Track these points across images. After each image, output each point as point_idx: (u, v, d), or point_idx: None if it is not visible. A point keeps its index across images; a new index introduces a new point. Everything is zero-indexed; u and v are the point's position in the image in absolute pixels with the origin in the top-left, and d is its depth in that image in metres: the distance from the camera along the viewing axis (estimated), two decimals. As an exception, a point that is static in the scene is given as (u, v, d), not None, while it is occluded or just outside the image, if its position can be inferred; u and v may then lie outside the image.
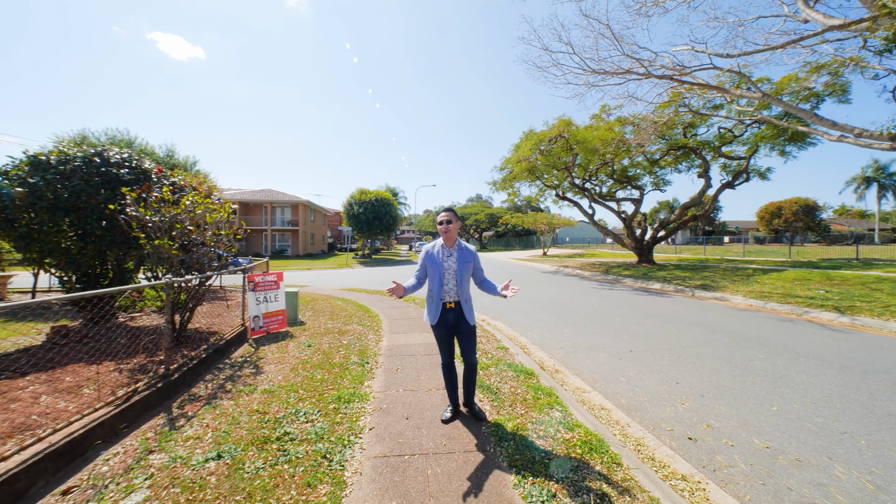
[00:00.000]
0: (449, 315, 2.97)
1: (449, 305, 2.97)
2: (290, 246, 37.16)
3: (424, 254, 3.05)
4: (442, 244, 3.03)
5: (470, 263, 3.01)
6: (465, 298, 3.01)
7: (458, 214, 3.25)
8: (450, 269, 2.96)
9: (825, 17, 8.57)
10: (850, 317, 7.34)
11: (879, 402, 3.66)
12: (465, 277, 2.99)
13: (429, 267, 3.02)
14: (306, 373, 4.24)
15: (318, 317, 7.42)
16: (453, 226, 2.97)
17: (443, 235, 3.01)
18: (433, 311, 3.00)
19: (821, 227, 43.24)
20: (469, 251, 3.04)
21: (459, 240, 3.08)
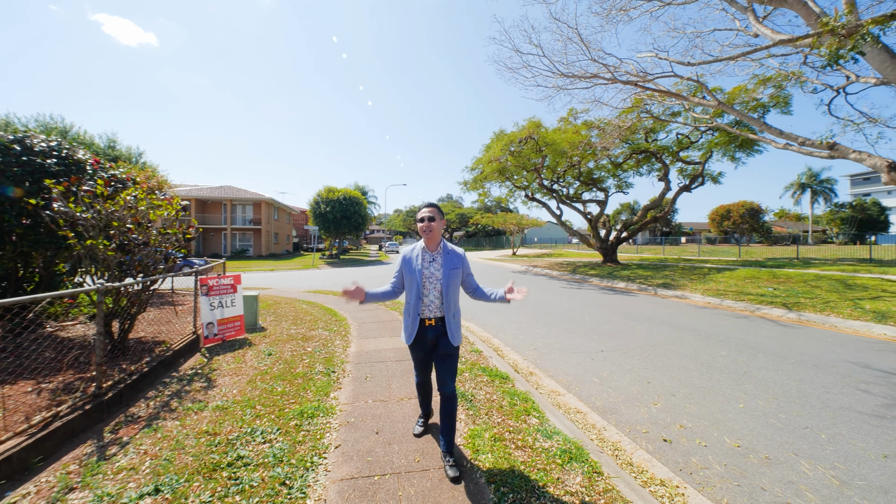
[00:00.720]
0: (428, 333, 2.49)
1: (428, 322, 2.48)
2: (252, 246, 35.39)
3: (402, 259, 2.58)
4: (423, 247, 2.53)
5: (458, 270, 2.51)
6: (452, 313, 2.51)
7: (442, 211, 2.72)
8: (431, 277, 2.46)
9: (773, 32, 9.14)
10: (796, 312, 7.85)
11: (832, 395, 3.84)
12: (451, 288, 2.47)
13: (406, 274, 2.54)
14: (265, 385, 3.88)
15: (281, 322, 6.97)
16: (437, 224, 2.46)
17: (423, 236, 2.49)
18: (409, 327, 2.52)
19: (764, 229, 46.90)
20: (456, 255, 2.55)
21: (445, 241, 2.59)
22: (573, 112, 18.95)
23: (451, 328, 2.49)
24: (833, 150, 9.20)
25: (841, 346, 5.62)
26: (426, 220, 2.47)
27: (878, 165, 8.41)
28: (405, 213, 66.92)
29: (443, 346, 2.51)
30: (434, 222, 2.46)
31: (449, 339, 2.49)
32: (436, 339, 2.51)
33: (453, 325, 2.51)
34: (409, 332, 2.56)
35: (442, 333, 2.49)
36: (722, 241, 47.28)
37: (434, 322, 2.50)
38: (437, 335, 2.51)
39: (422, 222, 2.48)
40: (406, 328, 2.59)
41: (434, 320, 2.50)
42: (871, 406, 3.58)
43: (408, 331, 2.57)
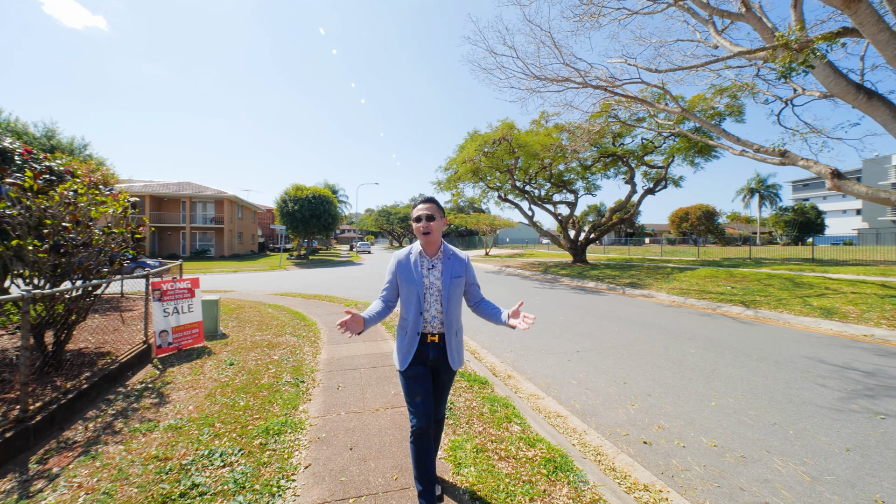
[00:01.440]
0: (429, 352, 2.06)
1: (431, 339, 2.06)
2: (214, 246, 33.53)
3: (395, 265, 2.12)
4: (420, 251, 2.10)
5: (461, 279, 2.10)
6: (455, 329, 2.11)
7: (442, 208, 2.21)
8: (432, 287, 2.05)
9: (731, 44, 9.65)
10: (753, 310, 8.30)
11: (795, 390, 4.02)
12: (454, 299, 2.08)
13: (402, 284, 2.08)
14: (226, 399, 3.55)
15: (244, 328, 6.53)
16: (437, 224, 2.04)
17: (421, 238, 2.06)
18: (406, 346, 2.06)
19: (718, 231, 50.00)
20: (459, 261, 2.14)
21: (446, 244, 2.17)
22: (545, 115, 19.30)
23: (453, 349, 2.09)
24: (784, 158, 9.83)
25: (796, 341, 5.96)
26: (424, 220, 2.02)
27: (823, 172, 9.05)
28: (377, 213, 65.93)
29: (444, 370, 2.11)
30: (434, 222, 2.03)
31: (449, 362, 2.08)
32: (437, 362, 2.09)
33: (455, 345, 2.11)
34: (404, 353, 2.06)
35: (442, 354, 2.09)
36: (681, 241, 49.94)
37: (437, 338, 2.07)
38: (438, 356, 2.08)
39: (418, 222, 2.04)
40: (400, 349, 2.10)
41: (437, 336, 2.07)
42: (829, 400, 3.77)
43: (402, 352, 2.08)
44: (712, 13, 9.62)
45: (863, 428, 3.22)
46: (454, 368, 2.13)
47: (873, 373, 4.50)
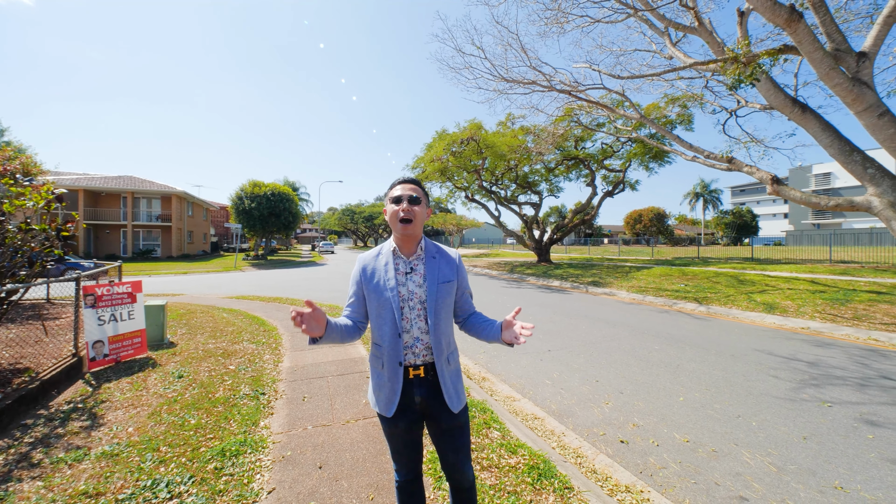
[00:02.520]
0: (415, 392, 1.50)
1: (414, 373, 1.50)
2: (161, 245, 30.97)
3: (359, 270, 1.58)
4: (394, 250, 1.58)
5: (451, 284, 1.57)
6: (447, 354, 1.54)
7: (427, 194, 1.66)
8: (412, 297, 1.51)
9: (685, 56, 10.24)
10: (705, 306, 8.83)
11: (752, 382, 4.25)
12: (443, 312, 1.53)
13: (370, 297, 1.54)
14: (174, 418, 3.16)
15: (196, 335, 5.97)
16: (420, 210, 1.54)
17: (397, 229, 1.52)
18: (387, 385, 1.51)
19: (668, 232, 53.49)
20: (448, 259, 1.61)
21: (427, 239, 1.65)
22: (511, 117, 19.60)
23: (448, 382, 1.52)
24: (731, 164, 10.57)
25: (746, 335, 6.37)
26: (406, 201, 1.50)
27: (764, 178, 9.83)
28: (341, 212, 64.07)
29: (445, 416, 1.52)
30: (418, 206, 1.53)
31: (447, 403, 1.50)
32: (428, 403, 1.52)
33: (450, 377, 1.54)
34: (386, 395, 1.51)
35: (435, 392, 1.51)
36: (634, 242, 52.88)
37: (422, 371, 1.51)
38: (428, 395, 1.51)
39: (398, 203, 1.51)
40: (378, 388, 1.55)
41: (423, 369, 1.51)
42: (783, 391, 4.01)
43: (383, 392, 1.52)
44: (668, 25, 10.14)
45: (814, 416, 3.43)
46: (454, 410, 1.51)
47: (815, 363, 4.88)
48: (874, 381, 4.24)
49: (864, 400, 3.76)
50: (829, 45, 7.02)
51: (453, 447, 1.56)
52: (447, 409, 1.52)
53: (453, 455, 1.56)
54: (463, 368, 4.81)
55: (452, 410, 1.51)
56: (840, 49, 6.96)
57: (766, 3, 6.37)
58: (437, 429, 1.55)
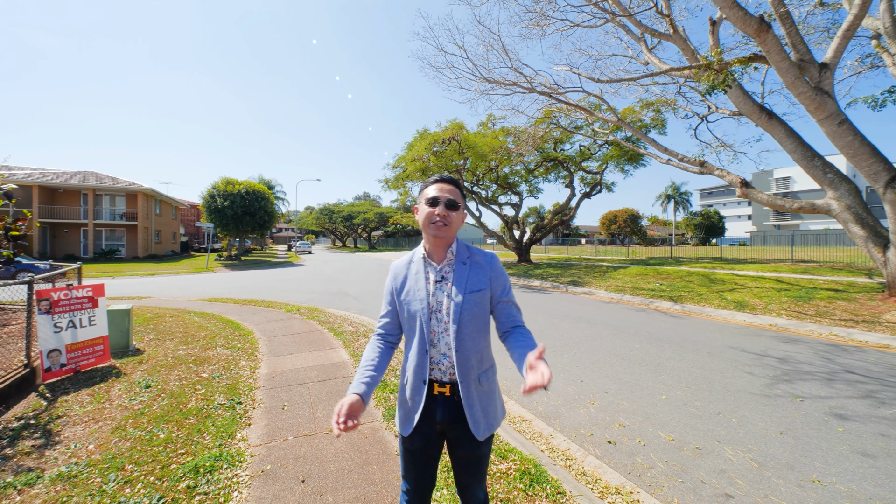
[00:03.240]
0: (437, 412, 1.38)
1: (439, 390, 1.38)
2: (125, 246, 29.37)
3: (391, 280, 1.50)
4: (423, 256, 1.46)
5: (482, 293, 1.40)
6: (477, 374, 1.38)
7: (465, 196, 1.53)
8: (441, 308, 1.38)
9: (660, 62, 10.56)
10: (680, 304, 9.12)
11: (729, 379, 4.38)
12: (469, 325, 1.36)
13: (400, 307, 1.45)
14: (141, 432, 2.94)
15: (165, 341, 5.64)
16: (458, 217, 1.39)
17: (430, 233, 1.38)
18: (409, 402, 1.41)
19: (641, 232, 55.27)
20: (479, 266, 1.44)
21: (461, 242, 1.48)
22: (492, 118, 19.71)
23: (475, 406, 1.35)
24: (703, 167, 10.98)
25: (720, 332, 6.61)
26: (443, 205, 1.36)
27: (734, 181, 10.26)
28: (319, 211, 62.69)
29: (466, 441, 1.37)
30: (456, 212, 1.38)
31: (470, 427, 1.34)
32: (449, 426, 1.38)
33: (479, 400, 1.36)
34: (406, 412, 1.42)
35: (457, 415, 1.36)
36: (609, 242, 54.36)
37: (447, 389, 1.37)
38: (450, 417, 1.37)
39: (433, 206, 1.36)
40: (401, 402, 1.46)
41: (449, 387, 1.37)
42: (758, 387, 4.15)
43: (404, 409, 1.43)
44: (644, 31, 10.42)
45: (788, 411, 3.56)
46: (479, 437, 1.34)
47: (785, 359, 5.10)
48: (839, 376, 4.46)
49: (831, 394, 3.94)
50: (794, 55, 7.37)
51: (468, 472, 1.45)
52: (470, 435, 1.35)
53: (467, 478, 1.46)
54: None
55: (477, 437, 1.34)
56: (804, 59, 7.32)
57: (738, 14, 6.61)
58: (456, 455, 1.44)
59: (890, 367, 4.74)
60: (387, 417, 3.28)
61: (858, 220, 7.88)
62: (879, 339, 5.91)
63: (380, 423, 3.22)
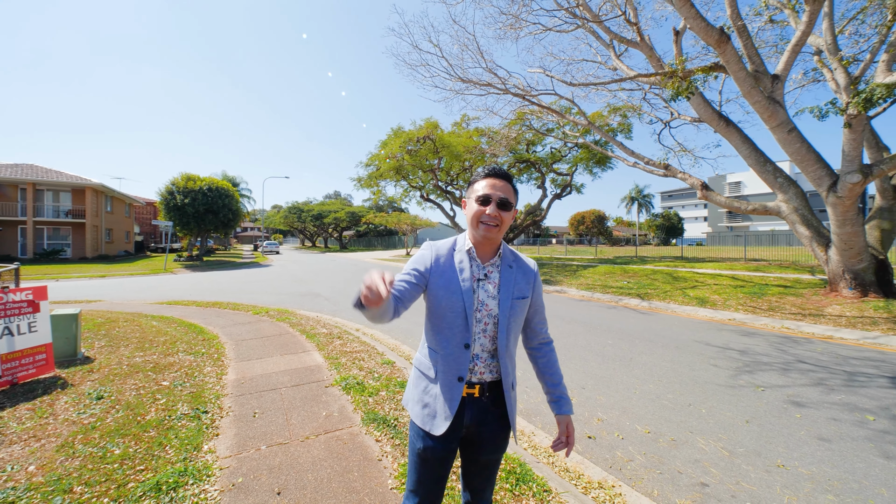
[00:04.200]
0: (466, 415, 1.32)
1: (468, 391, 1.31)
2: (72, 245, 27.09)
3: (433, 258, 1.36)
4: (469, 250, 1.37)
5: (525, 300, 1.38)
6: (511, 378, 1.38)
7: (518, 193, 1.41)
8: (483, 307, 1.32)
9: (628, 68, 10.97)
10: (647, 301, 9.51)
11: (697, 372, 4.58)
12: (514, 331, 1.35)
13: (436, 291, 1.33)
14: (92, 449, 2.66)
15: (119, 347, 5.20)
16: (509, 216, 1.32)
17: (480, 233, 1.32)
18: (434, 397, 1.32)
19: (608, 233, 57.44)
20: (525, 271, 1.41)
21: (507, 245, 1.46)
22: (466, 118, 19.79)
23: (513, 411, 1.36)
24: (667, 170, 11.51)
25: (685, 327, 6.93)
26: (495, 205, 1.28)
27: (695, 184, 10.82)
28: (287, 210, 60.57)
29: (486, 448, 1.35)
30: (508, 213, 1.31)
31: (499, 431, 1.35)
32: (479, 428, 1.33)
33: (511, 405, 1.36)
34: (439, 409, 1.29)
35: (492, 418, 1.34)
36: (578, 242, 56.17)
37: (478, 390, 1.32)
38: (481, 420, 1.33)
39: (485, 204, 1.29)
40: (424, 400, 1.34)
41: (478, 388, 1.32)
42: (723, 378, 4.37)
43: (435, 404, 1.31)
44: (613, 38, 10.78)
45: (752, 401, 3.76)
46: (508, 440, 1.39)
47: (745, 351, 5.41)
48: (793, 366, 4.78)
49: (788, 383, 4.21)
50: (750, 66, 7.86)
51: (484, 477, 1.41)
52: (496, 438, 1.34)
53: (482, 483, 1.42)
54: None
55: (506, 437, 1.37)
56: (759, 70, 7.82)
57: (701, 25, 6.96)
58: (476, 460, 1.38)
59: (835, 356, 5.14)
60: (366, 422, 3.16)
61: (804, 221, 8.53)
62: (824, 331, 6.41)
63: (359, 427, 3.10)
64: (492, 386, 1.35)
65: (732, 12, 7.61)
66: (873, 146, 8.81)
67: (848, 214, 7.43)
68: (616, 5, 10.44)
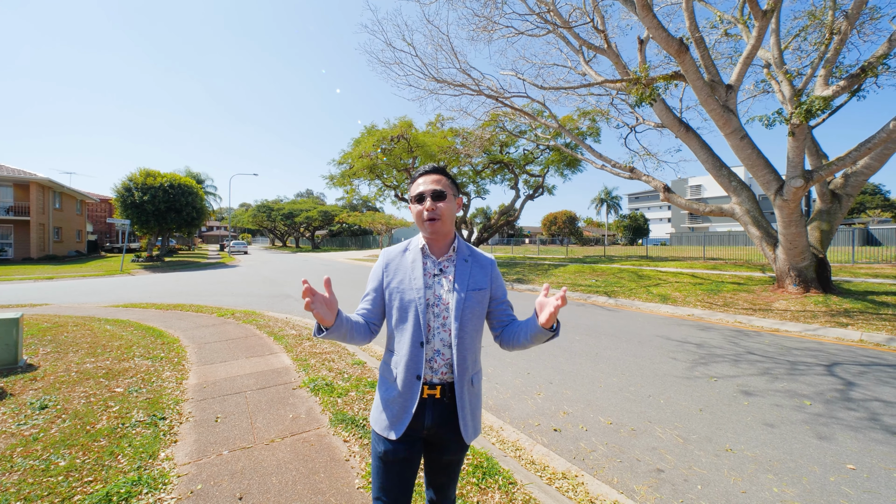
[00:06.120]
0: (426, 416, 1.31)
1: (429, 392, 1.31)
2: (14, 245, 24.99)
3: (383, 266, 1.42)
4: (423, 248, 1.40)
5: (483, 292, 1.38)
6: (470, 375, 1.36)
7: (456, 184, 1.47)
8: (439, 303, 1.34)
9: (596, 74, 11.36)
10: (614, 299, 9.88)
11: (657, 364, 4.82)
12: (471, 325, 1.34)
13: (393, 297, 1.36)
14: (34, 461, 2.48)
15: (67, 353, 4.86)
16: (448, 207, 1.34)
17: (425, 231, 1.36)
18: (398, 402, 1.32)
19: (578, 233, 59.19)
20: (481, 264, 1.42)
21: (461, 239, 1.46)
22: (441, 118, 19.84)
23: (466, 409, 1.33)
24: (632, 173, 12.00)
25: (648, 323, 7.26)
26: (429, 198, 1.32)
27: (658, 186, 11.35)
28: (256, 208, 58.44)
29: (452, 446, 1.34)
30: (444, 202, 1.33)
31: (461, 432, 1.31)
32: (437, 431, 1.32)
33: (470, 403, 1.35)
34: (396, 412, 1.31)
35: (449, 418, 1.32)
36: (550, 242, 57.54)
37: (437, 392, 1.31)
38: (440, 421, 1.32)
39: (420, 202, 1.34)
40: (387, 405, 1.34)
41: (439, 389, 1.31)
42: (681, 370, 4.62)
43: (393, 408, 1.32)
44: (582, 44, 11.11)
45: (706, 391, 4.00)
46: (468, 441, 1.34)
47: (701, 344, 5.74)
48: (743, 357, 5.12)
49: (738, 373, 4.51)
50: (706, 75, 8.33)
51: (447, 475, 1.42)
52: (459, 439, 1.33)
53: (445, 481, 1.43)
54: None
55: (465, 441, 1.34)
56: (714, 80, 8.30)
57: (662, 35, 7.31)
58: (438, 460, 1.39)
59: (780, 347, 5.54)
60: (334, 423, 3.12)
61: (755, 222, 9.14)
62: (771, 324, 6.90)
63: (327, 429, 3.06)
64: (449, 387, 1.34)
65: (691, 24, 8.04)
66: (814, 154, 9.56)
67: (792, 216, 8.02)
68: (585, 13, 10.79)
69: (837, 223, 9.04)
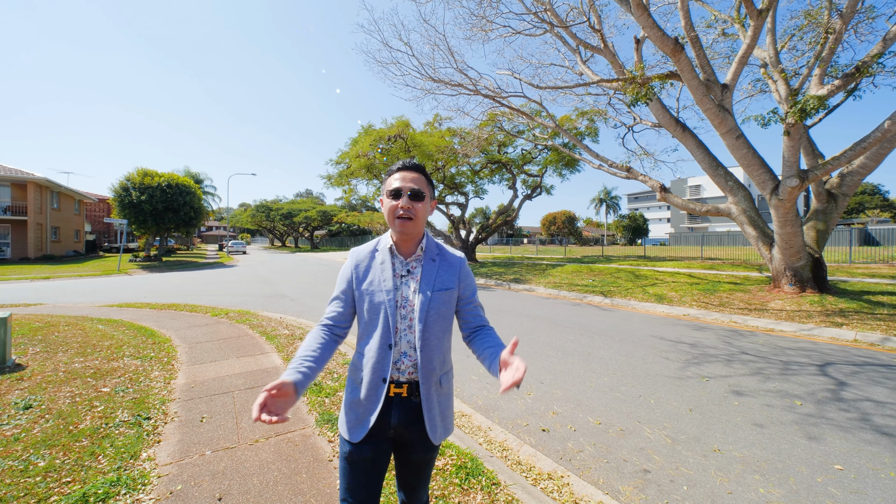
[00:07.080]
0: (392, 415, 1.29)
1: (396, 391, 1.29)
2: (11, 244, 24.95)
3: (352, 267, 1.38)
4: (391, 248, 1.37)
5: (449, 292, 1.36)
6: (438, 376, 1.33)
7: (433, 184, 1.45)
8: (406, 304, 1.31)
9: (593, 73, 11.34)
10: (610, 299, 9.86)
11: (649, 364, 4.80)
12: (437, 325, 1.32)
13: (362, 298, 1.34)
14: (13, 462, 2.46)
15: (56, 353, 4.84)
16: (423, 207, 1.32)
17: (395, 227, 1.31)
18: (363, 403, 1.29)
19: (577, 233, 59.18)
20: (449, 264, 1.39)
21: (431, 238, 1.45)
22: (438, 118, 19.81)
23: (434, 410, 1.31)
24: (629, 173, 11.98)
25: (643, 323, 7.24)
26: (406, 197, 1.28)
27: (655, 186, 11.33)
28: (255, 208, 58.37)
29: (419, 446, 1.32)
30: (421, 203, 1.31)
31: (427, 433, 1.29)
32: (404, 430, 1.30)
33: (438, 403, 1.33)
34: (358, 415, 1.29)
35: (415, 418, 1.30)
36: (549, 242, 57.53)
37: (404, 390, 1.29)
38: (407, 421, 1.29)
39: (396, 198, 1.29)
40: (352, 407, 1.32)
41: (406, 387, 1.29)
42: (672, 370, 4.60)
43: (356, 411, 1.30)
44: (579, 44, 11.09)
45: (697, 391, 3.98)
46: (435, 442, 1.31)
47: (695, 344, 5.72)
48: (736, 357, 5.10)
49: (730, 373, 4.49)
50: (702, 75, 8.31)
51: (417, 476, 1.40)
52: (427, 439, 1.30)
53: (415, 482, 1.40)
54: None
55: (433, 442, 1.31)
56: (710, 80, 8.28)
57: (658, 34, 7.29)
58: (406, 460, 1.36)
59: (774, 347, 5.52)
60: (320, 423, 3.10)
61: (751, 222, 9.11)
62: (767, 324, 6.88)
63: (312, 429, 3.03)
64: (417, 385, 1.31)
65: (686, 24, 8.02)
66: (810, 153, 9.54)
67: (788, 216, 8.00)
68: (581, 12, 10.77)
69: (834, 223, 9.02)
